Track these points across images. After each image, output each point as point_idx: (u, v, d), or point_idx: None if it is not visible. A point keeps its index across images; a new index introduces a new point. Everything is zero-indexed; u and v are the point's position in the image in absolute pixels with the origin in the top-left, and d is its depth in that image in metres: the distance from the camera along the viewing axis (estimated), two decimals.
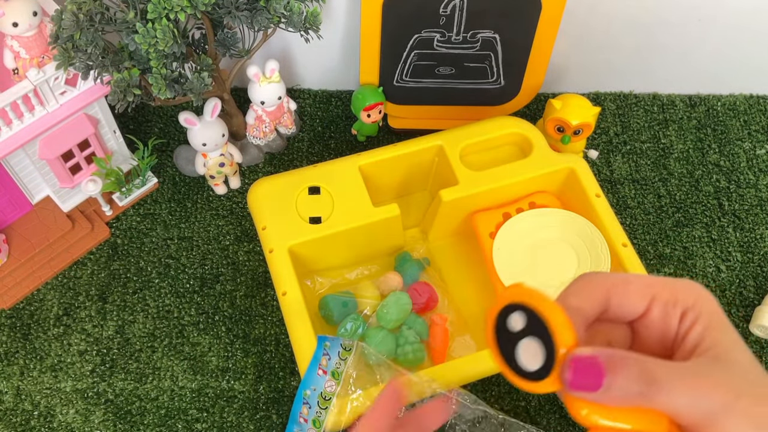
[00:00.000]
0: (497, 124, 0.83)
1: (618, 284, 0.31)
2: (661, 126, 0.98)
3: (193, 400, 0.76)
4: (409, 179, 0.85)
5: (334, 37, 0.90)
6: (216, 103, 0.81)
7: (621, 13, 0.88)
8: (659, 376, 0.28)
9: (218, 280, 0.83)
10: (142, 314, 0.81)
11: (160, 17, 0.67)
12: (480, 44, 0.85)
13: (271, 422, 0.75)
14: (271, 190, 0.77)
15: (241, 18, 0.72)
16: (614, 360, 0.28)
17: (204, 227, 0.87)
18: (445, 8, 0.81)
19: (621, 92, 1.01)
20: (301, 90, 0.98)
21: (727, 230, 0.90)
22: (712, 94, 1.01)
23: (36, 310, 0.81)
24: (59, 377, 0.77)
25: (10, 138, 0.72)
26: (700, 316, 0.30)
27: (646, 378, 0.28)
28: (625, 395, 0.28)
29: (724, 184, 0.93)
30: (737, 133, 0.98)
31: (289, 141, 0.94)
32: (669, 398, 0.28)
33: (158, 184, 0.89)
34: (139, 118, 0.94)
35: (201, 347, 0.79)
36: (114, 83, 0.71)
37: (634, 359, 0.29)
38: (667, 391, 0.28)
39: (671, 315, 0.31)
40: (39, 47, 0.75)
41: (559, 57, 0.92)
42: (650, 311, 0.31)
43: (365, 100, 0.88)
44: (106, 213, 0.86)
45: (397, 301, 0.75)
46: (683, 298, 0.31)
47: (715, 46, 0.93)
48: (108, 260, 0.84)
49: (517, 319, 0.30)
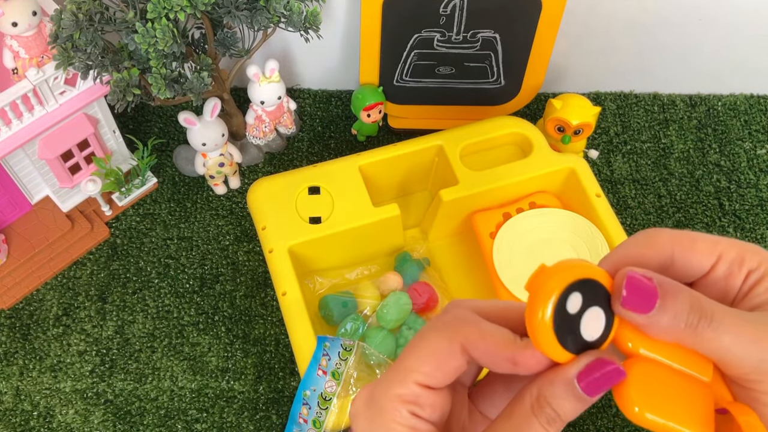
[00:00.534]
0: (497, 123, 0.82)
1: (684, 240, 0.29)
2: (662, 126, 0.98)
3: (192, 400, 0.76)
4: (409, 179, 0.85)
5: (334, 36, 0.90)
6: (216, 102, 0.81)
7: (621, 13, 0.88)
8: (713, 313, 0.27)
9: (218, 280, 0.83)
10: (141, 314, 0.81)
11: (160, 17, 0.67)
12: (480, 44, 0.85)
13: (271, 423, 0.75)
14: (270, 190, 0.77)
15: (240, 18, 0.72)
16: (669, 286, 0.27)
17: (204, 227, 0.86)
18: (446, 8, 0.81)
19: (621, 92, 1.00)
20: (300, 90, 0.98)
21: (728, 230, 0.90)
22: (712, 93, 1.01)
23: (35, 310, 0.80)
24: (59, 377, 0.77)
25: (10, 138, 0.72)
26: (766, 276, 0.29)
27: (699, 311, 0.27)
28: (675, 324, 0.27)
29: (725, 184, 0.93)
30: (738, 133, 0.98)
31: (289, 141, 0.94)
32: (719, 339, 0.27)
33: (158, 184, 0.89)
34: (139, 117, 0.94)
35: (201, 347, 0.79)
36: (113, 83, 0.71)
37: (690, 292, 0.27)
38: (719, 329, 0.27)
39: (735, 274, 0.29)
40: (38, 47, 0.74)
41: (560, 57, 0.92)
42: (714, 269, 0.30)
43: (365, 100, 0.88)
44: (105, 213, 0.86)
45: (397, 301, 0.75)
46: (749, 258, 0.29)
47: (716, 46, 0.93)
48: (107, 260, 0.84)
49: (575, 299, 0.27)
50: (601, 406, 0.77)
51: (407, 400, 0.29)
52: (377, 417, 0.29)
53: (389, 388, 0.29)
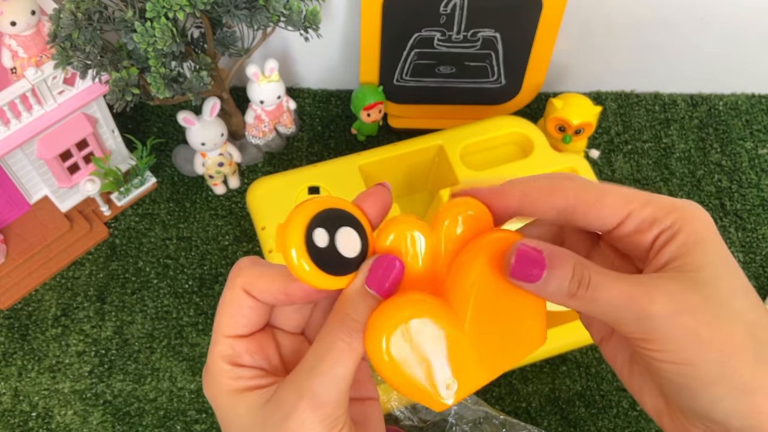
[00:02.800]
0: (498, 123, 0.82)
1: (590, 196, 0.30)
2: (663, 125, 0.98)
3: (192, 401, 0.76)
4: (409, 179, 0.85)
5: (334, 36, 0.90)
6: (215, 102, 0.81)
7: (622, 12, 0.88)
8: (591, 278, 0.28)
9: (217, 281, 0.83)
10: (140, 315, 0.80)
11: (159, 16, 0.67)
12: (481, 43, 0.85)
13: None
14: (270, 189, 0.77)
15: (240, 17, 0.71)
16: (555, 257, 0.28)
17: (203, 227, 0.86)
18: (446, 7, 0.81)
19: (622, 91, 1.00)
20: (300, 89, 0.98)
21: (729, 230, 0.89)
22: (713, 93, 1.01)
23: (34, 310, 0.80)
24: (57, 378, 0.76)
25: (8, 137, 0.72)
26: (677, 235, 0.29)
27: (579, 278, 0.28)
28: (558, 291, 0.28)
29: (726, 184, 0.93)
30: (739, 132, 0.98)
31: (289, 140, 0.93)
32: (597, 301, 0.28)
33: (157, 183, 0.88)
34: (138, 117, 0.94)
35: (200, 348, 0.79)
36: (112, 82, 0.71)
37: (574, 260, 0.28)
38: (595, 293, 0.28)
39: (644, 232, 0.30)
40: (37, 46, 0.74)
41: (560, 56, 0.92)
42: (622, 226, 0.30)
43: (365, 100, 0.88)
44: (104, 213, 0.85)
45: None
46: (663, 217, 0.29)
47: (717, 46, 0.93)
48: (106, 260, 0.83)
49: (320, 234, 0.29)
50: (601, 407, 0.77)
51: (224, 354, 0.31)
52: (210, 378, 0.32)
53: (210, 352, 0.32)
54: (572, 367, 0.79)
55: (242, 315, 0.32)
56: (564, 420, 0.76)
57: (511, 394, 0.77)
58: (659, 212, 0.29)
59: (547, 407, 0.77)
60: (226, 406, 0.31)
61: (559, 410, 0.77)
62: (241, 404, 0.30)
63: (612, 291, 0.28)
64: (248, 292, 0.32)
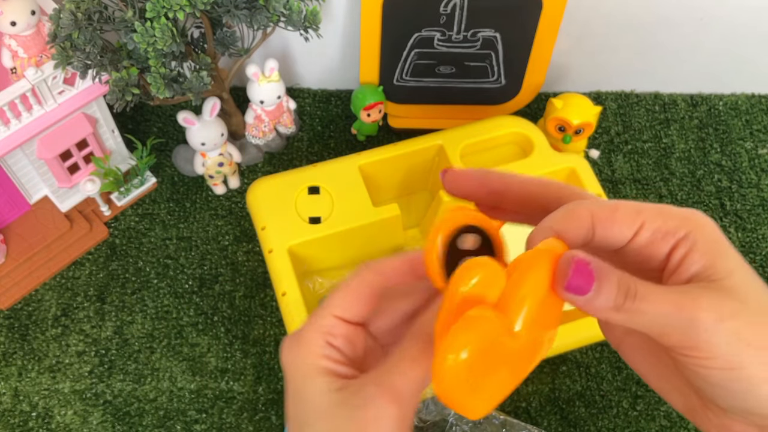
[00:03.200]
0: (498, 123, 0.82)
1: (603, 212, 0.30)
2: (663, 125, 0.98)
3: (192, 401, 0.76)
4: (409, 179, 0.85)
5: (334, 35, 0.90)
6: (215, 102, 0.81)
7: (622, 12, 0.88)
8: (637, 290, 0.28)
9: (217, 281, 0.83)
10: (140, 315, 0.80)
11: (159, 16, 0.67)
12: (480, 43, 0.85)
13: (270, 423, 0.75)
14: (270, 189, 0.77)
15: (240, 17, 0.71)
16: (602, 269, 0.29)
17: (203, 227, 0.86)
18: (446, 7, 0.81)
19: (622, 91, 1.00)
20: (300, 89, 0.98)
21: (729, 231, 0.89)
22: (713, 93, 1.00)
23: (34, 310, 0.80)
24: (57, 378, 0.76)
25: (8, 137, 0.72)
26: (696, 245, 0.29)
27: (625, 290, 0.28)
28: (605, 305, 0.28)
29: (726, 184, 0.93)
30: (739, 132, 0.97)
31: (289, 140, 0.93)
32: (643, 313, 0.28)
33: (157, 183, 0.88)
34: (138, 117, 0.94)
35: (200, 348, 0.79)
36: (112, 82, 0.71)
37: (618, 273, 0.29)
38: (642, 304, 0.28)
39: (658, 243, 0.30)
40: (37, 46, 0.74)
41: (560, 56, 0.92)
42: (636, 238, 0.30)
43: (365, 100, 0.88)
44: (104, 213, 0.85)
45: None
46: (676, 227, 0.30)
47: (717, 46, 0.93)
48: (106, 260, 0.83)
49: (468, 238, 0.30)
50: (601, 407, 0.77)
51: (324, 330, 0.32)
52: (296, 346, 0.33)
53: (311, 323, 0.33)
54: (572, 367, 0.79)
55: (362, 301, 0.33)
56: (564, 420, 0.76)
57: (511, 394, 0.77)
58: (671, 222, 0.30)
59: (547, 407, 0.77)
60: (304, 376, 0.32)
61: (559, 410, 0.77)
62: (320, 381, 0.31)
63: (659, 302, 0.28)
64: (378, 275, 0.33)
